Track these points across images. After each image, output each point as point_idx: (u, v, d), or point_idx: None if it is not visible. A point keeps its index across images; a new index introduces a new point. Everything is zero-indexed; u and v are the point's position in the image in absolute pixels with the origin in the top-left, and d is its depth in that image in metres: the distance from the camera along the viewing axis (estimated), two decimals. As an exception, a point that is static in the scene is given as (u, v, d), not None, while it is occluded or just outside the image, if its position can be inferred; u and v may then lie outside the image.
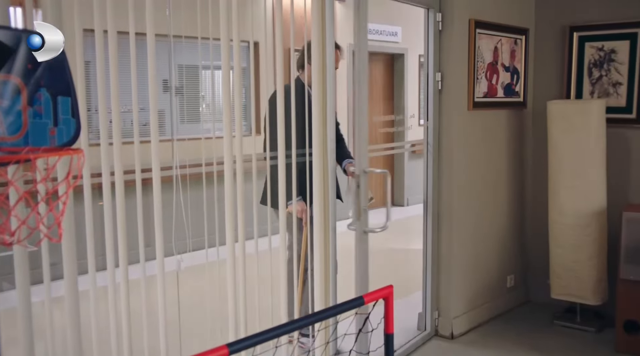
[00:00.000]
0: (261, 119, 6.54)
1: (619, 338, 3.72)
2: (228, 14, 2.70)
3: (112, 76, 2.33)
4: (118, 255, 2.53)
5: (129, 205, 2.52)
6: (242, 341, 2.02)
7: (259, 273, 2.97)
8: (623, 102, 4.11)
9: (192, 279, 3.22)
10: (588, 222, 3.90)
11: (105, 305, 2.55)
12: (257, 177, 3.20)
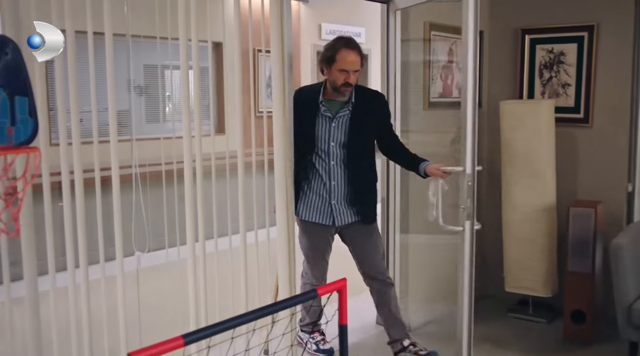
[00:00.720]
0: (225, 119, 6.60)
1: (566, 328, 3.89)
2: (186, 14, 2.76)
3: (70, 76, 2.37)
4: (78, 255, 2.58)
5: (91, 205, 2.57)
6: (198, 333, 2.09)
7: (218, 272, 3.05)
8: (572, 103, 4.29)
9: (153, 279, 3.26)
10: (538, 218, 4.07)
11: (65, 305, 2.60)
12: (218, 177, 3.25)
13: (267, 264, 3.23)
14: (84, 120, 2.89)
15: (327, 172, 3.33)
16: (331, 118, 3.29)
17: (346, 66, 3.17)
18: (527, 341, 3.91)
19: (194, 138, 2.85)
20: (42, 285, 2.52)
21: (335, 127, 3.29)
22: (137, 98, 6.63)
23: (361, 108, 3.31)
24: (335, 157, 3.31)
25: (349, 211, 3.40)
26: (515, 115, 4.08)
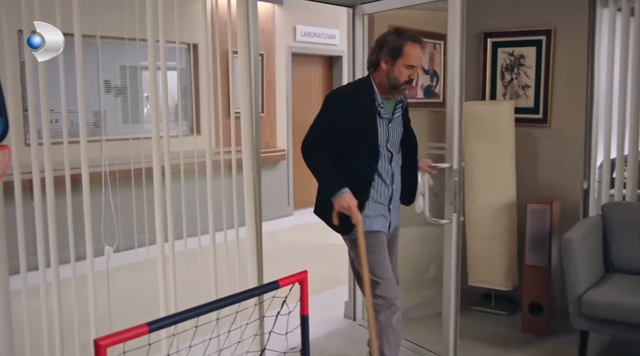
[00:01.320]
0: (201, 119, 6.70)
1: (524, 320, 4.06)
2: (154, 16, 2.87)
3: (40, 77, 2.47)
4: (49, 254, 2.67)
5: (62, 204, 2.67)
6: (162, 321, 2.21)
7: (188, 271, 3.17)
8: (531, 103, 4.46)
9: (124, 277, 3.35)
10: (499, 215, 4.23)
11: (37, 303, 2.69)
12: (190, 177, 3.35)
13: (235, 263, 3.35)
14: (59, 120, 2.97)
15: (389, 176, 3.08)
16: (389, 120, 3.07)
17: (413, 61, 2.95)
18: (487, 332, 4.07)
19: (177, 138, 2.98)
20: (14, 283, 2.62)
21: (392, 128, 3.09)
22: (114, 100, 6.70)
23: (403, 106, 3.19)
24: (394, 159, 3.11)
25: (397, 215, 3.24)
26: (477, 115, 4.24)
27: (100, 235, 3.02)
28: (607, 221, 3.84)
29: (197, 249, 3.29)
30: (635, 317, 3.21)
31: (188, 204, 3.19)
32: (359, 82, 3.24)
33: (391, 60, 2.96)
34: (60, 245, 2.71)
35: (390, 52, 2.95)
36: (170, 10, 3.00)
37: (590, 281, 3.53)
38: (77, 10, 2.59)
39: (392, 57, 2.95)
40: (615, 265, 3.78)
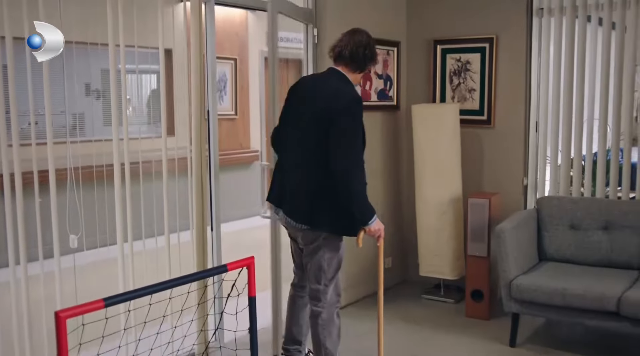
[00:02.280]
0: (175, 121, 6.98)
1: (468, 306, 4.40)
2: (116, 21, 3.16)
3: (10, 80, 2.74)
4: (19, 251, 2.92)
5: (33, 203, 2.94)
6: (117, 297, 2.50)
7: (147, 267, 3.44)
8: (477, 106, 4.80)
9: (90, 274, 3.58)
10: (445, 209, 4.56)
11: (7, 299, 2.94)
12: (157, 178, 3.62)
13: (190, 260, 3.62)
14: (38, 123, 3.21)
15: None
16: None
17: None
18: (433, 319, 4.39)
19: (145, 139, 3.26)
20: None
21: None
22: (95, 102, 6.94)
23: None
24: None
25: None
26: (425, 117, 4.57)
27: (67, 232, 3.28)
28: (541, 214, 4.18)
29: (154, 249, 3.54)
30: (554, 299, 3.55)
31: (155, 204, 3.47)
32: (348, 82, 3.12)
33: (371, 65, 3.19)
34: (27, 243, 2.96)
35: (374, 60, 3.17)
36: (153, 18, 3.29)
37: (522, 268, 3.86)
38: (43, 12, 2.87)
39: (373, 63, 3.18)
40: (547, 253, 4.13)
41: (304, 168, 3.02)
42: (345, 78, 3.08)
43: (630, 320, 3.38)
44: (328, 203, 2.96)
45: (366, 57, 3.06)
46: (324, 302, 3.13)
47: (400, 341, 3.99)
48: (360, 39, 3.09)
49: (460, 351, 3.81)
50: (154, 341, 2.92)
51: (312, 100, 3.04)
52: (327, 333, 3.15)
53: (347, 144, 2.88)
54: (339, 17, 4.44)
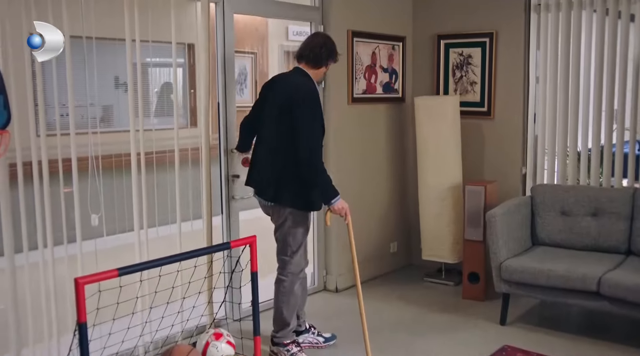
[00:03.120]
0: (198, 113, 7.31)
1: (465, 287, 4.64)
2: (144, 18, 3.47)
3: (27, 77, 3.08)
4: (46, 235, 3.24)
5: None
6: (129, 267, 2.82)
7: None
8: (478, 98, 5.02)
9: (109, 258, 3.88)
10: (446, 195, 4.80)
11: (37, 277, 3.26)
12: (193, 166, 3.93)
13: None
14: (63, 115, 3.54)
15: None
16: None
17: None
18: (431, 299, 4.65)
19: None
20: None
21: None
22: (123, 94, 7.31)
23: None
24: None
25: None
26: (426, 108, 4.81)
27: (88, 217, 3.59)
28: (535, 201, 4.40)
29: (170, 235, 3.84)
30: (539, 279, 3.78)
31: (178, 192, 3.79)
32: (308, 78, 3.51)
33: (332, 61, 3.61)
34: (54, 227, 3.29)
35: (333, 57, 3.58)
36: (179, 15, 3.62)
37: (512, 251, 4.09)
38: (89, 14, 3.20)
39: (333, 60, 3.61)
40: (539, 238, 4.35)
41: (272, 153, 3.48)
42: (306, 74, 3.51)
43: (609, 299, 3.59)
44: (291, 182, 3.40)
45: (322, 54, 3.49)
46: (288, 271, 3.56)
47: (397, 318, 4.26)
48: (317, 41, 3.55)
49: (453, 329, 4.06)
50: (164, 310, 3.25)
51: (277, 94, 3.50)
52: (285, 300, 3.56)
53: (307, 130, 3.33)
54: (346, 15, 4.70)
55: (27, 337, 3.23)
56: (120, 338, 3.06)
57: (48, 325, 3.27)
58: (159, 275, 3.07)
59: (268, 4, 4.44)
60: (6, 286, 3.11)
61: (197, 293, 3.33)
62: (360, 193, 4.98)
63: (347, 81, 4.75)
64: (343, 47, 4.70)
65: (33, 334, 3.23)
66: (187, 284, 3.23)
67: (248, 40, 8.51)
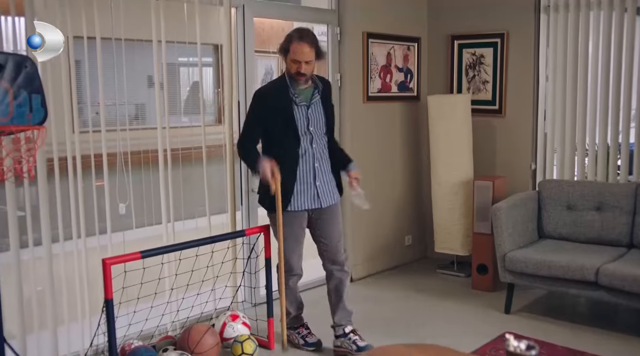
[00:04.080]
0: (225, 111, 7.62)
1: (474, 279, 4.83)
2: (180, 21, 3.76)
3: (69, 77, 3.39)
4: (80, 226, 3.54)
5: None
6: (152, 250, 3.11)
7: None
8: (490, 97, 5.20)
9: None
10: (457, 190, 5.00)
11: (72, 264, 3.56)
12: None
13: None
14: (99, 113, 3.81)
15: (310, 156, 3.46)
16: (307, 106, 3.44)
17: (297, 57, 3.33)
18: (441, 290, 4.85)
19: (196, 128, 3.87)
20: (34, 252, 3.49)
21: (312, 113, 3.46)
22: (158, 93, 7.63)
23: (322, 92, 3.54)
24: (315, 140, 3.47)
25: (330, 191, 3.58)
26: (438, 106, 5.01)
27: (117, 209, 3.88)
28: (542, 195, 4.56)
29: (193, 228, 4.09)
30: (541, 270, 3.96)
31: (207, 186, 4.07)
32: (277, 78, 3.65)
33: (284, 56, 3.45)
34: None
35: (282, 49, 3.44)
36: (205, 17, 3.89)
37: (517, 243, 4.27)
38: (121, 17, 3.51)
39: (284, 53, 3.43)
40: (546, 231, 4.51)
41: None
42: (282, 74, 3.57)
43: (607, 289, 3.75)
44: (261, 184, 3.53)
45: (282, 48, 3.44)
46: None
47: (406, 307, 4.48)
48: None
49: (459, 317, 4.26)
50: (184, 292, 3.54)
51: None
52: (283, 294, 3.57)
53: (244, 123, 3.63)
54: (362, 17, 4.93)
55: (63, 316, 3.55)
56: (145, 317, 3.36)
57: (81, 306, 3.59)
58: (178, 259, 3.36)
59: (286, 8, 4.70)
60: (44, 272, 3.43)
61: (214, 277, 3.61)
62: (375, 188, 5.20)
63: (362, 80, 4.98)
64: (359, 48, 4.94)
65: (67, 314, 3.54)
66: (205, 268, 3.51)
67: (274, 40, 8.79)
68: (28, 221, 3.32)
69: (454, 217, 5.05)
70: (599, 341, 3.79)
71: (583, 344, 3.73)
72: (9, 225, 3.27)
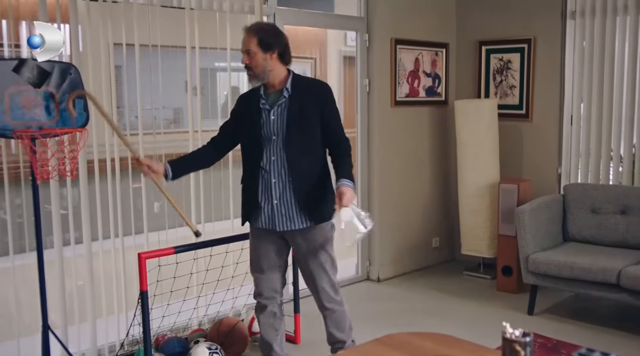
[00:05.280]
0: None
1: (499, 280, 4.90)
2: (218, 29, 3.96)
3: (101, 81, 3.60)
4: (118, 227, 3.73)
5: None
6: (184, 246, 3.29)
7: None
8: (517, 101, 5.27)
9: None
10: (483, 193, 5.08)
11: (109, 261, 3.77)
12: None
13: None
14: (138, 117, 4.00)
15: (269, 169, 2.95)
16: (269, 110, 2.96)
17: (241, 46, 2.95)
18: (466, 291, 4.93)
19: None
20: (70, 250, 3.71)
21: (275, 119, 2.94)
22: (193, 98, 7.89)
23: (299, 96, 2.95)
24: (276, 151, 2.94)
25: (292, 215, 2.98)
26: (464, 111, 5.10)
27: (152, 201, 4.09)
28: (567, 199, 4.62)
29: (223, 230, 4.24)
30: (563, 272, 4.02)
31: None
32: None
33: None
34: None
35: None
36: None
37: (541, 246, 4.33)
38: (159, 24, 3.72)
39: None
40: (570, 234, 4.56)
41: None
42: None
43: (629, 291, 3.80)
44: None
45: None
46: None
47: (430, 307, 4.58)
48: None
49: (481, 317, 4.34)
50: (214, 288, 3.72)
51: None
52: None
53: None
54: (390, 24, 5.06)
55: (101, 309, 3.76)
56: (177, 311, 3.55)
57: (118, 300, 3.79)
58: (210, 255, 3.54)
59: (316, 15, 4.86)
60: (84, 268, 3.65)
61: (244, 273, 3.77)
62: (403, 191, 5.32)
63: (390, 85, 5.11)
64: (387, 54, 5.07)
65: (106, 307, 3.75)
66: (235, 264, 3.68)
67: (307, 45, 8.96)
68: (70, 220, 3.54)
69: (480, 220, 5.13)
70: (622, 343, 3.83)
71: (606, 346, 3.76)
72: (53, 223, 3.49)
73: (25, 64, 2.86)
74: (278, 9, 4.43)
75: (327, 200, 3.01)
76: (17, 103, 2.86)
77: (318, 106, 2.97)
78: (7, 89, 2.82)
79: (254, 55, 2.90)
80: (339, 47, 9.62)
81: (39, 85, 2.91)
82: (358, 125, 5.12)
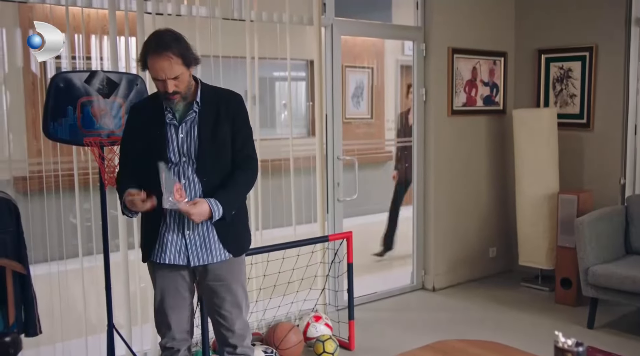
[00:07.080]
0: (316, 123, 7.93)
1: (557, 293, 4.81)
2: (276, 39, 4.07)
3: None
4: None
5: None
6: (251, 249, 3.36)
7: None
8: (577, 110, 5.17)
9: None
10: (542, 203, 5.00)
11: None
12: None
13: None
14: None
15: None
16: (177, 126, 2.56)
17: (157, 75, 2.45)
18: (523, 303, 4.86)
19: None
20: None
21: (184, 137, 2.56)
22: (252, 106, 8.04)
23: (210, 110, 2.59)
24: (186, 175, 2.55)
25: (209, 246, 2.59)
26: (524, 120, 5.04)
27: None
28: (629, 210, 4.50)
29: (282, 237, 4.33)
30: (625, 284, 3.92)
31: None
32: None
33: (143, 71, 2.54)
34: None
35: (141, 63, 2.50)
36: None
37: (602, 258, 4.23)
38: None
39: (142, 68, 2.51)
40: (633, 247, 4.44)
41: None
42: None
43: (694, 307, 3.68)
44: None
45: (140, 61, 2.54)
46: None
47: (485, 317, 4.54)
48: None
49: (537, 329, 4.27)
50: (271, 293, 3.80)
51: None
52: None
53: None
54: (447, 33, 5.07)
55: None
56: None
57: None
58: (266, 260, 3.63)
59: (373, 26, 4.91)
60: (147, 271, 3.78)
61: (300, 279, 3.85)
62: (460, 200, 5.29)
63: (446, 95, 5.10)
64: (444, 63, 5.07)
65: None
66: (291, 271, 3.76)
67: (365, 55, 9.03)
68: (135, 224, 3.69)
69: (538, 230, 5.04)
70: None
71: (669, 362, 3.66)
72: (119, 228, 3.66)
73: (96, 75, 3.04)
74: (336, 20, 4.51)
75: (246, 227, 2.76)
76: (88, 113, 3.03)
77: (229, 120, 2.60)
78: (79, 99, 3.00)
79: (181, 76, 2.47)
80: (397, 56, 9.65)
81: (108, 95, 3.07)
82: (414, 134, 5.13)
